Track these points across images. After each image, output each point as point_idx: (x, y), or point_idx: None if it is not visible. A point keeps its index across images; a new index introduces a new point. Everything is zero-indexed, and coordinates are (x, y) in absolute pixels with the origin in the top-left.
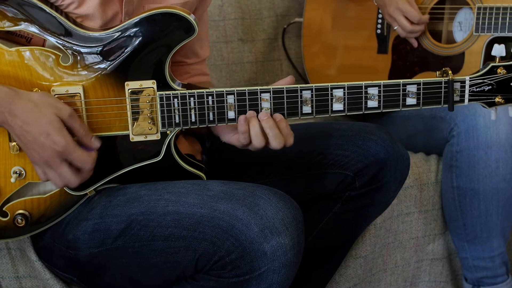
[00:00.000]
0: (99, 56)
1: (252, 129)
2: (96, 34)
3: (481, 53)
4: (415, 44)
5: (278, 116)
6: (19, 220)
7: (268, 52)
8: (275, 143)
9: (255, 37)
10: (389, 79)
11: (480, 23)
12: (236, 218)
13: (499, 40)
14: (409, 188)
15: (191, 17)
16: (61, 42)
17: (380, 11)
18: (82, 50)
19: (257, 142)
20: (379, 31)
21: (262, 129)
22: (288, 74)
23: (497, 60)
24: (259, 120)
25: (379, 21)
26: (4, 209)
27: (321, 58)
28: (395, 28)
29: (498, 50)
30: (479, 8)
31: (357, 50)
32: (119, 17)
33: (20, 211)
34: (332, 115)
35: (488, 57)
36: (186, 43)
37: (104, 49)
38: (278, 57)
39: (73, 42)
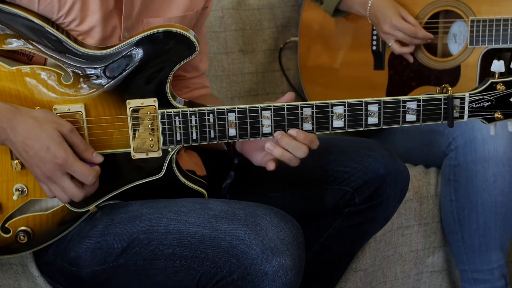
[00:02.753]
0: (100, 74)
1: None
2: (97, 52)
3: (477, 65)
4: (410, 59)
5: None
6: (22, 237)
7: (269, 63)
8: (300, 153)
9: (256, 48)
10: (387, 94)
11: (474, 35)
12: (237, 238)
13: (494, 52)
14: (409, 201)
15: (192, 36)
16: (62, 61)
17: (374, 28)
18: (83, 68)
19: (299, 152)
20: (374, 47)
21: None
22: (288, 86)
23: (496, 76)
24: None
25: (374, 37)
26: (6, 225)
27: (318, 77)
28: (390, 44)
29: (497, 66)
30: (472, 21)
31: (354, 67)
32: (118, 32)
33: (23, 228)
34: (332, 132)
35: (484, 69)
36: None
37: (106, 68)
38: (278, 68)
39: (74, 61)
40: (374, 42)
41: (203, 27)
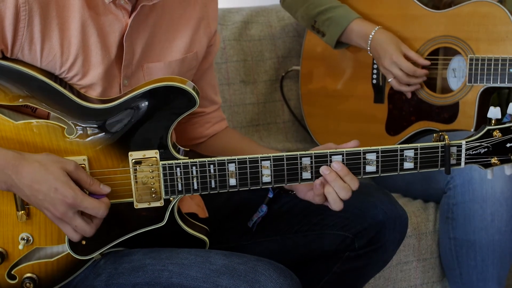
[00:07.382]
0: (103, 127)
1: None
2: (99, 106)
3: (475, 103)
4: (409, 94)
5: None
6: (28, 284)
7: (270, 94)
8: (343, 193)
9: (257, 79)
10: (386, 128)
11: (473, 73)
12: None
13: (492, 90)
14: (408, 238)
15: (191, 88)
16: (65, 115)
17: (375, 61)
18: (86, 122)
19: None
20: (374, 81)
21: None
22: (289, 116)
23: (493, 122)
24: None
25: (374, 71)
26: (12, 272)
27: (319, 107)
28: (389, 80)
29: (494, 112)
30: (471, 59)
31: (354, 99)
32: (117, 80)
33: (28, 275)
34: None
35: (482, 107)
36: (203, 94)
37: (108, 121)
38: (280, 98)
39: (77, 115)
40: (375, 76)
41: (212, 63)
